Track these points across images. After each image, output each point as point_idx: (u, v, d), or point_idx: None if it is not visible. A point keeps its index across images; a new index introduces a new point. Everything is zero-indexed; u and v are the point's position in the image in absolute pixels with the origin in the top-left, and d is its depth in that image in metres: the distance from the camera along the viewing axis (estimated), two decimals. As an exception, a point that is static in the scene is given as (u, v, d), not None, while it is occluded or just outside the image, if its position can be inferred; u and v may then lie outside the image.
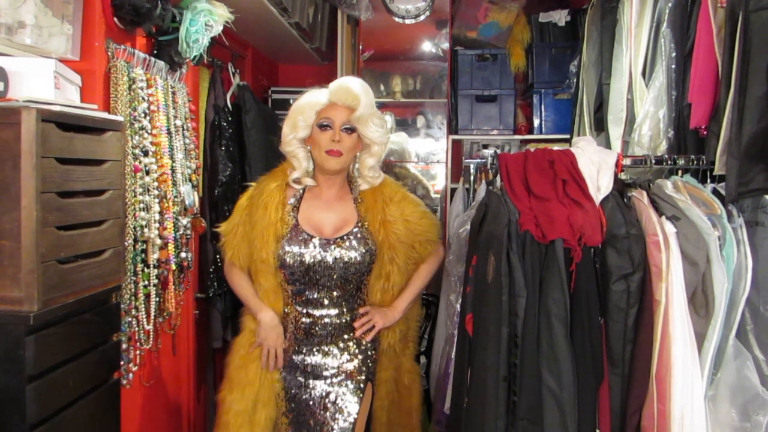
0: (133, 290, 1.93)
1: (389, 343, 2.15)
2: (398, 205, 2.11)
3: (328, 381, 2.05)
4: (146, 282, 1.99)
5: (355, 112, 2.01)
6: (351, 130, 2.03)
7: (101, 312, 1.59)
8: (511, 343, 1.78)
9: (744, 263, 1.70)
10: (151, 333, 2.03)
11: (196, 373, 2.63)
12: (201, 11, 2.13)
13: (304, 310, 2.06)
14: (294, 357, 2.08)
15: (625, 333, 1.78)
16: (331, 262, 2.01)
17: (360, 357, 2.09)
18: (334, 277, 2.02)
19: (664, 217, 1.76)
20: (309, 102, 2.05)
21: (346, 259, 2.02)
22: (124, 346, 1.89)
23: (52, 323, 1.39)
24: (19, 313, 1.32)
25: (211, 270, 2.79)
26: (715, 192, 1.85)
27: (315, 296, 2.04)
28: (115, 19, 1.87)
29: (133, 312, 1.94)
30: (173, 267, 2.11)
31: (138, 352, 2.00)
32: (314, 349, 2.06)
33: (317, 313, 2.05)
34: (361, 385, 2.08)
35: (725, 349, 1.70)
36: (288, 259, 2.00)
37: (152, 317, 2.01)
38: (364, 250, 2.04)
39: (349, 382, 2.06)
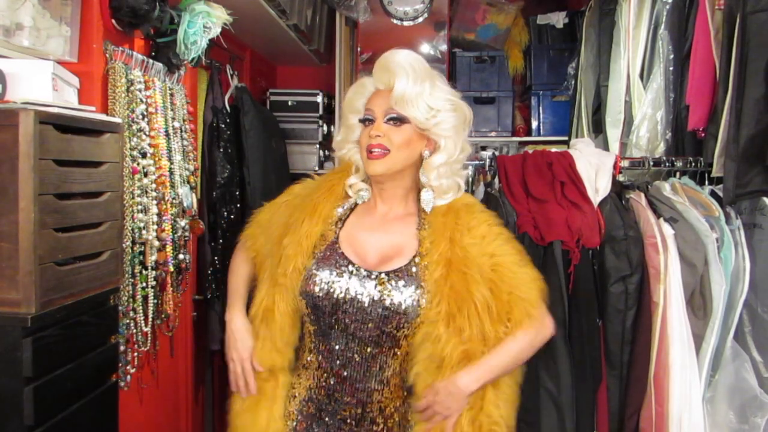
0: (131, 292, 1.92)
1: None
2: (478, 234, 1.51)
3: None
4: (144, 284, 1.98)
5: (394, 92, 1.47)
6: (399, 120, 1.49)
7: (99, 314, 1.58)
8: (510, 345, 1.78)
9: (742, 265, 1.70)
10: (149, 335, 2.03)
11: (195, 375, 2.62)
12: (199, 13, 2.13)
13: (328, 366, 1.53)
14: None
15: (623, 335, 1.79)
16: (366, 304, 1.46)
17: None
18: (370, 326, 1.47)
19: (662, 219, 1.76)
20: (356, 92, 1.58)
21: (387, 303, 1.45)
22: (122, 348, 1.88)
23: (49, 325, 1.38)
24: (17, 315, 1.32)
25: (209, 272, 2.78)
26: (713, 194, 1.86)
27: (340, 347, 1.50)
28: (113, 21, 1.87)
29: (131, 314, 1.93)
30: (171, 269, 2.11)
31: (136, 354, 2.00)
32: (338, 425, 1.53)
33: (344, 372, 1.51)
34: None
35: (723, 351, 1.70)
36: (313, 286, 1.49)
37: (150, 319, 2.00)
38: (413, 293, 1.46)
39: None
